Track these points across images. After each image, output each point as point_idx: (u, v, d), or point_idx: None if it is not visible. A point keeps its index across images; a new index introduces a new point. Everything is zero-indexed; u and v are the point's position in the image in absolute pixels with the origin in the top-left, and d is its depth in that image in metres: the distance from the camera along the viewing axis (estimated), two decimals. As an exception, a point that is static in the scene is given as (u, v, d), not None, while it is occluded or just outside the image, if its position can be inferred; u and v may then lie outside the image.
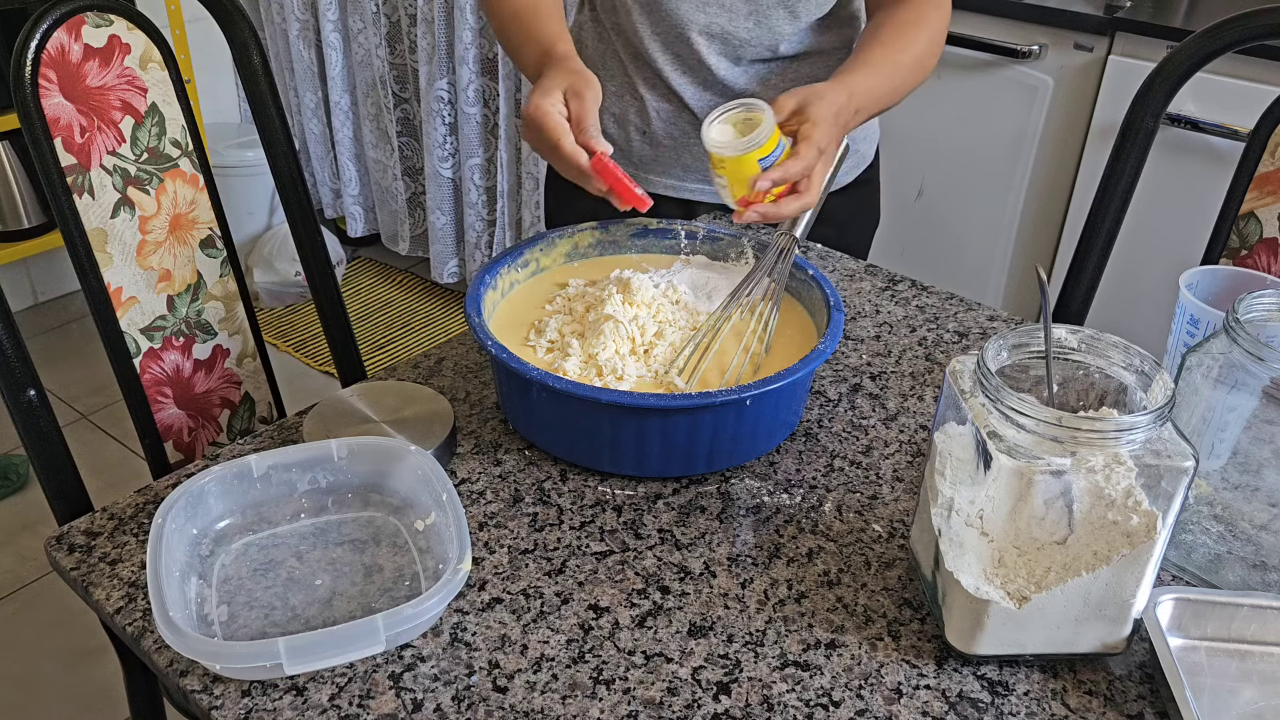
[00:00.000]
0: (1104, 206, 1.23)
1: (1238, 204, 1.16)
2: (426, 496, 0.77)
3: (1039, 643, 0.69)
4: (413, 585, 0.75)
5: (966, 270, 2.07)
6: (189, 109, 1.12)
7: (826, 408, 0.95)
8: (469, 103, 2.46)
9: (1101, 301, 1.28)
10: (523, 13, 1.08)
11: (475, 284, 0.92)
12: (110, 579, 0.75)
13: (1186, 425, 0.75)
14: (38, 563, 2.01)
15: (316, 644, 0.65)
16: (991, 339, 0.68)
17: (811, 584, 0.76)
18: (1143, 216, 1.60)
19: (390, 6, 2.59)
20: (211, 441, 1.20)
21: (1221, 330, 0.74)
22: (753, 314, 0.92)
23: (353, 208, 2.95)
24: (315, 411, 0.89)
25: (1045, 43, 1.85)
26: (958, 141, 2.00)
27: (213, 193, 1.16)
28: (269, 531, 0.79)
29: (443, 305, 2.86)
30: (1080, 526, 0.65)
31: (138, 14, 1.08)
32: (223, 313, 1.19)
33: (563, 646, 0.71)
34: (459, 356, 1.02)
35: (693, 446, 0.83)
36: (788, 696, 0.68)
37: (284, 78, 2.94)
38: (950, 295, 1.14)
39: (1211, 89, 1.66)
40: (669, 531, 0.81)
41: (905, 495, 0.85)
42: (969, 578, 0.67)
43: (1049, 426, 0.62)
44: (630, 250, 1.04)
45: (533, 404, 0.85)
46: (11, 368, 0.96)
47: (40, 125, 1.00)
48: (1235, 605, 0.72)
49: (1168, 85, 1.16)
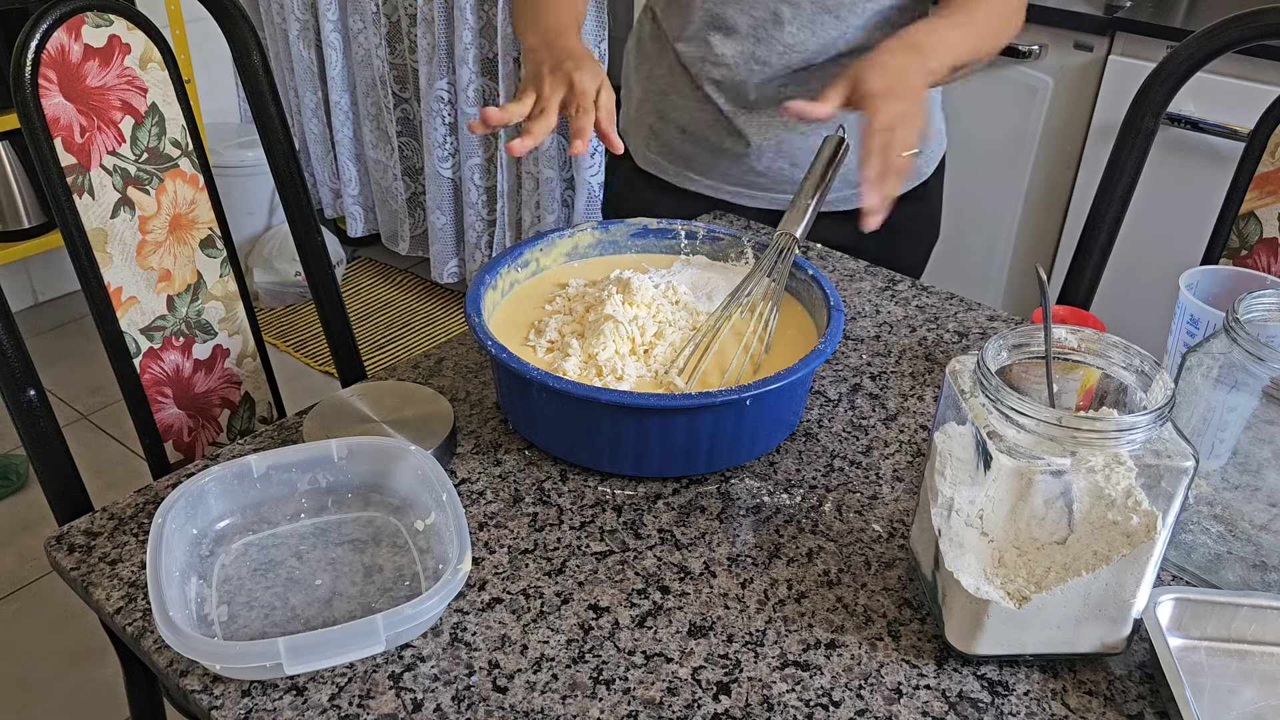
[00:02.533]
0: (1104, 206, 1.23)
1: (1238, 204, 1.16)
2: (426, 496, 0.77)
3: (1039, 643, 0.69)
4: (413, 585, 0.75)
5: (966, 270, 2.07)
6: (189, 109, 1.12)
7: (826, 408, 0.95)
8: (469, 103, 2.46)
9: (1101, 301, 1.28)
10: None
11: (475, 284, 0.92)
12: (110, 579, 0.75)
13: (1186, 425, 0.75)
14: (38, 563, 2.01)
15: (316, 644, 0.65)
16: (991, 339, 0.68)
17: (811, 584, 0.76)
18: (1143, 216, 1.60)
19: (390, 6, 2.59)
20: (211, 441, 1.20)
21: (1221, 330, 0.74)
22: (752, 313, 0.92)
23: (353, 208, 2.96)
24: (315, 411, 0.89)
25: (1045, 43, 1.85)
26: (958, 141, 1.99)
27: (213, 193, 1.16)
28: (269, 531, 0.79)
29: (443, 305, 2.86)
30: (1080, 526, 0.65)
31: (138, 14, 1.08)
32: (223, 313, 1.19)
33: (563, 646, 0.71)
34: (459, 356, 1.02)
35: (693, 446, 0.83)
36: (788, 696, 0.68)
37: (284, 78, 2.94)
38: (950, 295, 1.14)
39: (1211, 89, 1.66)
40: (669, 531, 0.81)
41: (905, 495, 0.85)
42: (969, 578, 0.67)
43: (1049, 426, 0.62)
44: (630, 250, 1.04)
45: (533, 404, 0.85)
46: (11, 368, 0.96)
47: (40, 125, 1.00)
48: (1235, 605, 0.72)
49: (1168, 85, 1.16)
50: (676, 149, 1.26)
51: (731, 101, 1.18)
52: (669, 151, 1.26)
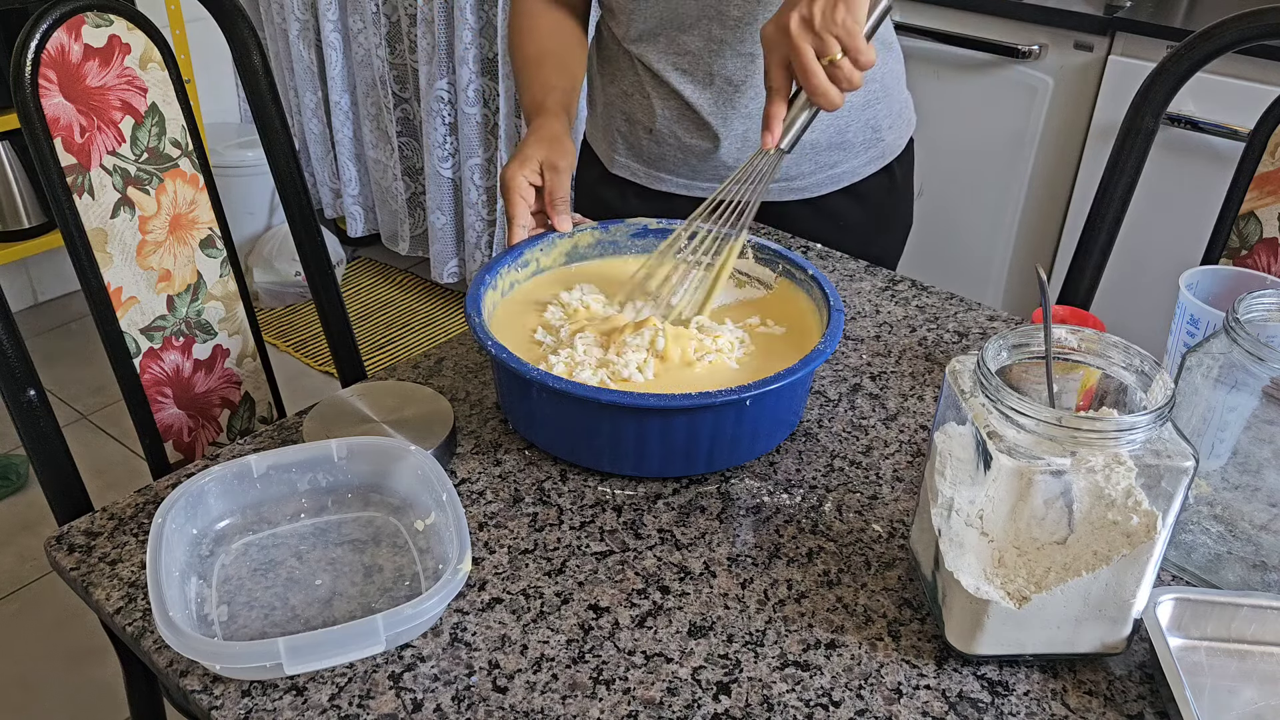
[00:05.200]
0: (1104, 206, 1.23)
1: (1238, 204, 1.16)
2: (426, 496, 0.77)
3: (1039, 643, 0.69)
4: (413, 585, 0.75)
5: (966, 270, 2.07)
6: (189, 109, 1.12)
7: (826, 408, 0.95)
8: (469, 103, 2.46)
9: (1102, 301, 1.28)
10: (529, 62, 1.15)
11: (475, 284, 0.92)
12: (110, 579, 0.75)
13: (1186, 425, 0.75)
14: (38, 563, 2.01)
15: (316, 644, 0.65)
16: (991, 339, 0.68)
17: (811, 584, 0.76)
18: (1143, 216, 1.61)
19: (390, 6, 2.59)
20: (211, 441, 1.20)
21: (1221, 330, 0.74)
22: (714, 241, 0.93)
23: (353, 208, 2.96)
24: (315, 411, 0.89)
25: (1045, 43, 1.85)
26: (958, 141, 2.00)
27: (213, 193, 1.16)
28: (269, 531, 0.79)
29: (443, 305, 2.86)
30: (1080, 526, 0.65)
31: (138, 14, 1.08)
32: (223, 313, 1.19)
33: (563, 646, 0.71)
34: (459, 356, 1.02)
35: (693, 446, 0.83)
36: (788, 696, 0.68)
37: (284, 78, 2.94)
38: (950, 295, 1.14)
39: (1211, 89, 1.66)
40: (669, 531, 0.81)
41: (905, 495, 0.85)
42: (969, 578, 0.67)
43: (1049, 426, 0.62)
44: (630, 250, 1.04)
45: (533, 404, 0.85)
46: (11, 368, 0.96)
47: (40, 125, 1.00)
48: (1235, 605, 0.72)
49: (1168, 85, 1.16)
50: (645, 150, 1.25)
51: (698, 89, 1.18)
52: (638, 154, 1.26)
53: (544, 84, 1.11)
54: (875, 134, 1.24)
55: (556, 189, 0.99)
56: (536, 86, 1.12)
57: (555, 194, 0.99)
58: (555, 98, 1.09)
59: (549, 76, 1.12)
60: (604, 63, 1.27)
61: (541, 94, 1.10)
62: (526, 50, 1.17)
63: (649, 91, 1.20)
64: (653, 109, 1.21)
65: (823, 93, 0.89)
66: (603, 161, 1.31)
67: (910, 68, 1.32)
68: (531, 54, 1.16)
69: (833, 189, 1.25)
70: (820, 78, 0.88)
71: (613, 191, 1.31)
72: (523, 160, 0.99)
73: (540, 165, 0.99)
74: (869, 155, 1.24)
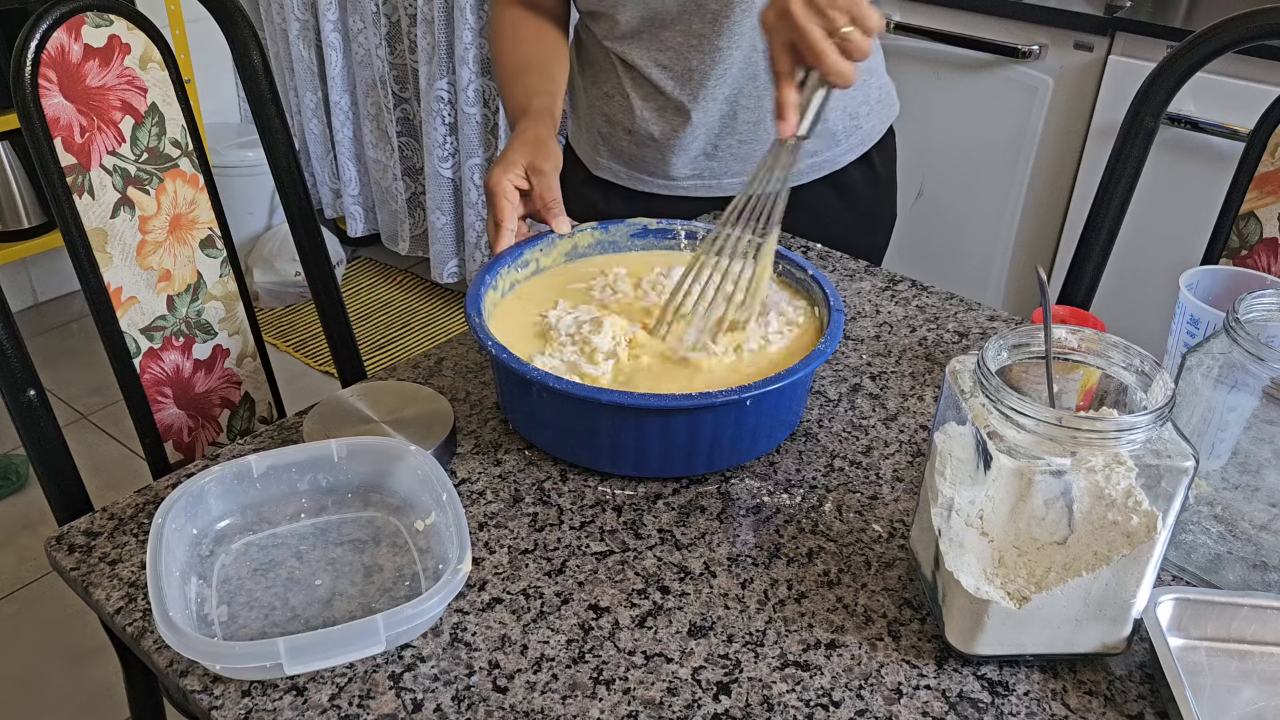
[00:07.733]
0: (1104, 206, 1.23)
1: (1238, 204, 1.16)
2: (426, 496, 0.77)
3: (1039, 643, 0.69)
4: (413, 585, 0.75)
5: (966, 270, 2.07)
6: (189, 109, 1.12)
7: (826, 408, 0.95)
8: (469, 103, 2.46)
9: (1101, 301, 1.28)
10: (512, 72, 1.15)
11: (475, 284, 0.92)
12: (110, 579, 0.75)
13: (1186, 425, 0.75)
14: (38, 563, 2.01)
15: (316, 644, 0.65)
16: (991, 339, 0.68)
17: (811, 584, 0.76)
18: (1143, 216, 1.60)
19: (390, 6, 2.59)
20: (211, 441, 1.20)
21: (1221, 330, 0.74)
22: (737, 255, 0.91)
23: (353, 208, 2.96)
24: (315, 411, 0.89)
25: (1045, 43, 1.85)
26: (958, 141, 2.00)
27: (213, 193, 1.16)
28: (269, 531, 0.79)
29: (443, 305, 2.86)
30: (1080, 526, 0.65)
31: (138, 14, 1.08)
32: (223, 313, 1.19)
33: (563, 646, 0.71)
34: (459, 356, 1.02)
35: (693, 446, 0.83)
36: (788, 696, 0.68)
37: (284, 78, 2.94)
38: (950, 295, 1.14)
39: (1211, 89, 1.66)
40: (669, 531, 0.81)
41: (905, 495, 0.85)
42: (969, 578, 0.67)
43: (1049, 426, 0.62)
44: (630, 250, 1.04)
45: (533, 404, 0.85)
46: (11, 368, 0.96)
47: (40, 125, 1.00)
48: (1235, 605, 0.72)
49: (1168, 85, 1.16)
50: (625, 151, 1.25)
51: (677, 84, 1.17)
52: (618, 155, 1.26)
53: (527, 89, 1.11)
54: (853, 121, 1.25)
55: (546, 192, 0.98)
56: (520, 93, 1.11)
57: (546, 197, 0.98)
58: (539, 102, 1.08)
59: (532, 82, 1.12)
60: (585, 66, 1.27)
61: (525, 99, 1.09)
62: (508, 60, 1.16)
63: (628, 91, 1.21)
64: (632, 109, 1.21)
65: (838, 71, 0.86)
66: (586, 165, 1.32)
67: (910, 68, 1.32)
68: (513, 63, 1.16)
69: (813, 178, 1.25)
70: (833, 56, 0.85)
71: (597, 194, 1.31)
72: (507, 165, 0.98)
73: (525, 169, 0.98)
74: (849, 143, 1.25)
